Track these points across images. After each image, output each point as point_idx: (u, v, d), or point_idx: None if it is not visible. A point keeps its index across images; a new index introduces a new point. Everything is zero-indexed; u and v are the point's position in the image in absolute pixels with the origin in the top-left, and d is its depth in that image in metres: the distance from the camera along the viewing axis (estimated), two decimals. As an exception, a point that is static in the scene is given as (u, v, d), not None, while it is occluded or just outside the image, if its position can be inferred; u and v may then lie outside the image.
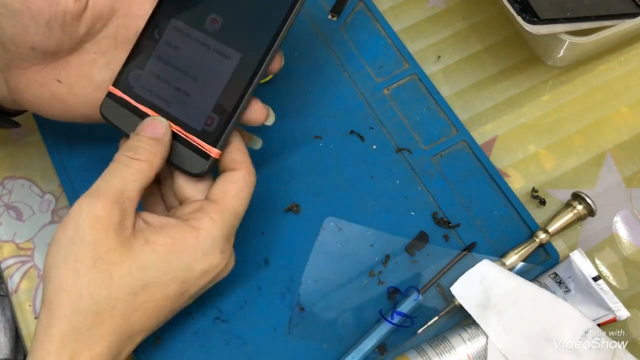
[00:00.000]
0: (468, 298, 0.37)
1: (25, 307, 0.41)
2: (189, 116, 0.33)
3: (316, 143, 0.44)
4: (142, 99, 0.34)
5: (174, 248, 0.30)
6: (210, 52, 0.33)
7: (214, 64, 0.33)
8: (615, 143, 0.45)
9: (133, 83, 0.34)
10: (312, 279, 0.40)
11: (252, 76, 0.32)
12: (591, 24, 0.42)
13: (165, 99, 0.33)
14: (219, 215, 0.32)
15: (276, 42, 0.32)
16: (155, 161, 0.32)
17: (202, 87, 0.33)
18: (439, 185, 0.43)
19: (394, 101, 0.46)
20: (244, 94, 0.32)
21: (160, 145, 0.32)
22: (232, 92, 0.32)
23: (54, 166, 0.43)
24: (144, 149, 0.31)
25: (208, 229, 0.31)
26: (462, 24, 0.49)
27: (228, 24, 0.33)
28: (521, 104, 0.46)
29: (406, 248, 0.41)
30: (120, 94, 0.34)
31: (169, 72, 0.33)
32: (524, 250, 0.40)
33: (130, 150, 0.31)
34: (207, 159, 0.33)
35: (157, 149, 0.32)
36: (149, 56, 0.34)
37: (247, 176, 0.33)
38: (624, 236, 0.42)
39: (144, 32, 0.34)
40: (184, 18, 0.33)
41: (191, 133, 0.33)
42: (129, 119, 0.34)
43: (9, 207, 0.44)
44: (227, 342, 0.38)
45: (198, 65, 0.33)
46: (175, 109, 0.33)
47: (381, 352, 0.38)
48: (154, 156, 0.31)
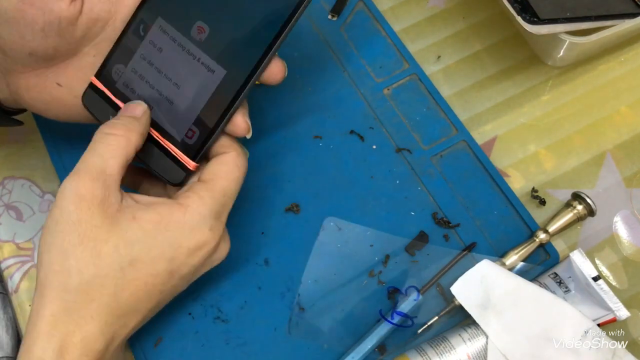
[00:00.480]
0: (468, 298, 0.37)
1: (25, 307, 0.41)
2: (170, 124, 0.33)
3: (316, 143, 0.44)
4: (123, 95, 0.33)
5: (161, 224, 0.30)
6: (195, 62, 0.32)
7: (197, 75, 0.32)
8: (615, 143, 0.45)
9: (115, 77, 0.33)
10: (312, 279, 0.40)
11: (235, 95, 0.31)
12: (591, 24, 0.42)
13: (147, 101, 0.33)
14: (208, 193, 0.32)
15: (264, 62, 0.31)
16: (132, 136, 0.31)
17: (184, 97, 0.32)
18: (439, 185, 0.43)
19: (394, 101, 0.46)
20: (226, 111, 0.32)
21: (137, 121, 0.32)
22: (214, 108, 0.32)
23: (54, 166, 0.43)
24: (120, 124, 0.31)
25: (196, 206, 0.31)
26: (462, 24, 0.49)
27: (215, 36, 0.32)
28: (521, 104, 0.46)
29: (406, 248, 0.41)
30: (101, 87, 0.33)
31: (152, 74, 0.33)
32: (524, 250, 0.40)
33: (107, 127, 0.31)
34: (184, 170, 0.33)
35: (134, 124, 0.32)
36: (132, 53, 0.33)
37: (236, 157, 0.33)
38: (624, 236, 0.42)
39: (129, 26, 0.33)
40: (170, 19, 0.32)
41: (170, 142, 0.33)
42: (109, 112, 0.33)
43: (9, 207, 0.44)
44: (227, 342, 0.38)
45: (182, 73, 0.32)
46: (156, 114, 0.33)
47: (381, 352, 0.38)
48: (129, 131, 0.31)
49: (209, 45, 0.32)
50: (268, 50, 0.31)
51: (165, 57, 0.33)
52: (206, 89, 0.32)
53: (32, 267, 0.42)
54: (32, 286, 0.41)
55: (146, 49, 0.33)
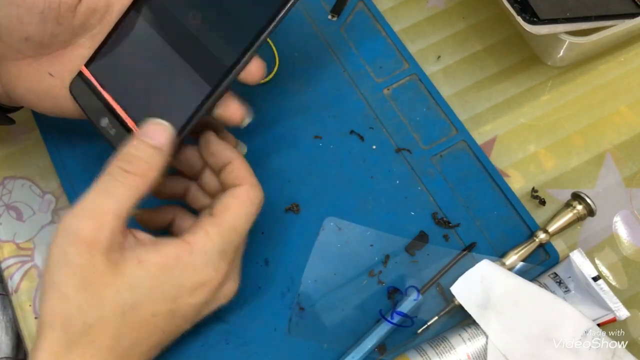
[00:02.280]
0: (468, 298, 0.37)
1: (25, 307, 0.41)
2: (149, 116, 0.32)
3: (316, 143, 0.44)
4: (110, 87, 0.33)
5: (167, 266, 0.29)
6: (174, 64, 0.32)
7: (175, 76, 0.32)
8: (615, 143, 0.45)
9: (105, 69, 0.33)
10: (312, 279, 0.40)
11: (204, 99, 0.31)
12: (591, 24, 0.42)
13: (130, 95, 0.33)
14: (216, 229, 0.31)
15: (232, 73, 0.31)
16: (152, 174, 0.30)
17: (161, 97, 0.32)
18: (439, 185, 0.43)
19: (394, 101, 0.46)
20: (193, 115, 0.31)
21: (160, 155, 0.30)
22: (184, 110, 0.31)
23: (54, 166, 0.43)
24: (140, 160, 0.29)
25: (202, 243, 0.30)
26: (462, 24, 0.49)
27: (195, 39, 0.32)
28: (521, 104, 0.47)
29: (406, 248, 0.41)
30: (90, 77, 0.33)
31: (137, 70, 0.33)
32: (523, 250, 0.40)
33: (124, 161, 0.29)
34: None
35: (156, 160, 0.30)
36: (123, 46, 0.33)
37: (249, 190, 0.32)
38: (624, 236, 0.42)
39: (122, 19, 0.33)
40: (155, 18, 0.33)
41: None
42: (95, 104, 0.33)
43: (9, 207, 0.44)
44: (227, 342, 0.38)
45: (162, 73, 0.32)
46: (135, 107, 0.33)
47: (381, 352, 0.38)
48: (150, 170, 0.29)
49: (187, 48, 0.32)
50: (246, 51, 0.31)
51: (151, 57, 0.33)
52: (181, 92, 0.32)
53: (32, 267, 0.42)
54: (32, 286, 0.41)
55: (133, 44, 0.33)
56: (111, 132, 0.33)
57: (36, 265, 0.42)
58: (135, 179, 0.29)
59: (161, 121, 0.31)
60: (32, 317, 0.40)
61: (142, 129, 0.31)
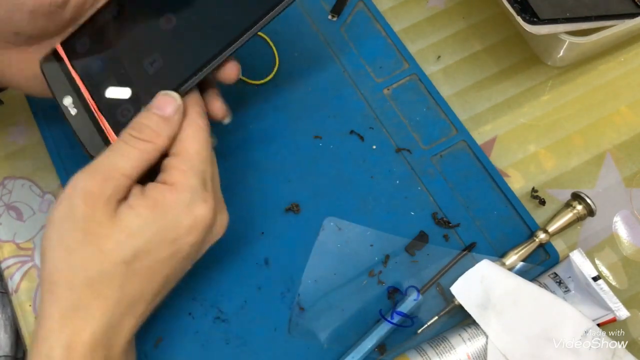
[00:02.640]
0: (468, 298, 0.37)
1: (25, 307, 0.41)
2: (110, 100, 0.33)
3: (316, 143, 0.44)
4: (80, 69, 0.33)
5: (157, 208, 0.30)
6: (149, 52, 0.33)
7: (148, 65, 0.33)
8: (615, 143, 0.45)
9: (79, 49, 0.33)
10: (312, 279, 0.40)
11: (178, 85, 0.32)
12: (591, 24, 0.42)
13: (98, 79, 0.33)
14: (187, 164, 0.31)
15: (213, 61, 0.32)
16: (160, 141, 0.31)
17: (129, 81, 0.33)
18: (439, 185, 0.43)
19: (394, 101, 0.46)
20: None
21: (168, 125, 0.31)
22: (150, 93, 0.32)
23: (54, 166, 0.43)
24: (149, 128, 0.31)
25: (182, 180, 0.31)
26: (462, 24, 0.49)
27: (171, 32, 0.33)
28: (521, 104, 0.47)
29: (406, 248, 0.41)
30: (62, 55, 0.33)
31: (111, 55, 0.33)
32: (523, 250, 0.40)
33: (135, 129, 0.31)
34: (106, 143, 0.33)
35: (164, 128, 0.31)
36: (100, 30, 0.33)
37: (194, 118, 0.33)
38: (624, 236, 0.42)
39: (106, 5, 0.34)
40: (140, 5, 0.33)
41: (104, 116, 0.33)
42: (62, 83, 0.33)
43: (9, 207, 0.44)
44: (227, 342, 0.38)
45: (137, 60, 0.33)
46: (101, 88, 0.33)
47: (381, 352, 0.38)
48: (158, 137, 0.31)
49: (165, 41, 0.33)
50: (221, 51, 0.32)
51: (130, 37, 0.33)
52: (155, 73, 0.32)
53: (32, 267, 0.42)
54: (32, 286, 0.41)
55: (113, 27, 0.33)
56: (72, 111, 0.33)
57: (36, 265, 0.42)
58: (145, 144, 0.31)
59: (170, 92, 0.32)
60: (32, 317, 0.40)
61: (152, 101, 0.32)
